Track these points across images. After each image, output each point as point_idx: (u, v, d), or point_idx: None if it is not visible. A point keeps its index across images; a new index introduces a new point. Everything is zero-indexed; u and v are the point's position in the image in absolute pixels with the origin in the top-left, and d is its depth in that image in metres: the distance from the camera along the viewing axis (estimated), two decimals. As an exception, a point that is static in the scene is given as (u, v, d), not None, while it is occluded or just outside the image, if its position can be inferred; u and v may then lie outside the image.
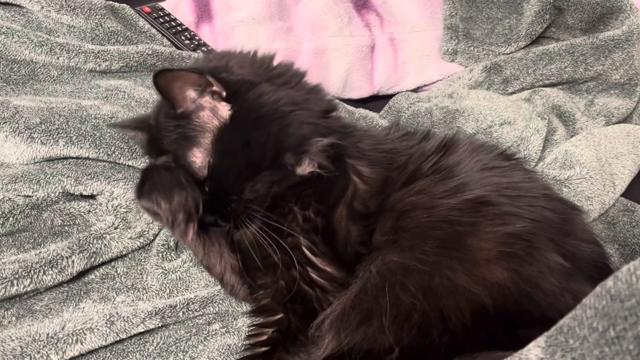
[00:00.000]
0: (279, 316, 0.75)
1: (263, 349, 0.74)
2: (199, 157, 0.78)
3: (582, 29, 1.47)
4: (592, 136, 1.18)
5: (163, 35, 1.30)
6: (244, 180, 0.77)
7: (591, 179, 1.09)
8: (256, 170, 0.77)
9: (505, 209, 0.71)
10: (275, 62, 0.88)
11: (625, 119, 1.42)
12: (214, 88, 0.78)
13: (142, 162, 0.96)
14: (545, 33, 1.53)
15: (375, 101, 1.55)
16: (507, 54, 1.51)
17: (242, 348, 0.78)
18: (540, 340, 0.50)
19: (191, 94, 0.79)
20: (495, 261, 0.66)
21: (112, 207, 0.90)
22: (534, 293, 0.65)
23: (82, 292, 0.84)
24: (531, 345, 0.50)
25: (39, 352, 0.73)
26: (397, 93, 1.51)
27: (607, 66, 1.38)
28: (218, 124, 0.78)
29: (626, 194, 1.17)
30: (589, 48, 1.37)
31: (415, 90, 1.58)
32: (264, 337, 0.75)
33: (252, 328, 0.77)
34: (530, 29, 1.48)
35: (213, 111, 0.79)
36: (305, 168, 0.79)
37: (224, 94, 0.79)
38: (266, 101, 0.79)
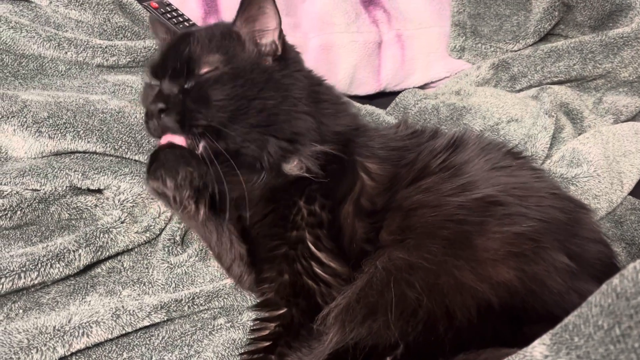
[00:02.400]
0: (282, 311, 0.76)
1: (265, 343, 0.74)
2: (214, 61, 0.79)
3: (591, 26, 1.46)
4: (600, 134, 1.17)
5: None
6: (232, 111, 0.77)
7: (599, 177, 1.09)
8: (243, 116, 0.78)
9: (513, 208, 0.71)
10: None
11: (634, 117, 1.40)
12: (277, 42, 0.83)
13: (148, 157, 0.97)
14: (554, 30, 1.53)
15: (382, 98, 1.55)
16: (515, 51, 1.50)
17: (246, 342, 0.78)
18: (545, 337, 0.49)
19: (259, 26, 0.82)
20: (502, 261, 0.66)
21: (118, 201, 0.91)
22: (540, 291, 0.65)
23: (88, 286, 0.85)
24: (536, 342, 0.50)
25: (45, 345, 0.73)
26: (404, 90, 1.50)
27: (615, 64, 1.37)
28: (253, 61, 0.82)
29: (634, 192, 1.17)
30: (598, 45, 1.36)
31: (422, 87, 1.57)
32: (267, 332, 0.75)
33: (255, 322, 0.78)
34: (539, 26, 1.47)
35: (259, 54, 0.83)
36: (292, 168, 0.81)
37: (280, 52, 0.84)
38: (301, 86, 0.85)
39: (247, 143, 0.78)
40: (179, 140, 0.78)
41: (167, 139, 0.78)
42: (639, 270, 0.43)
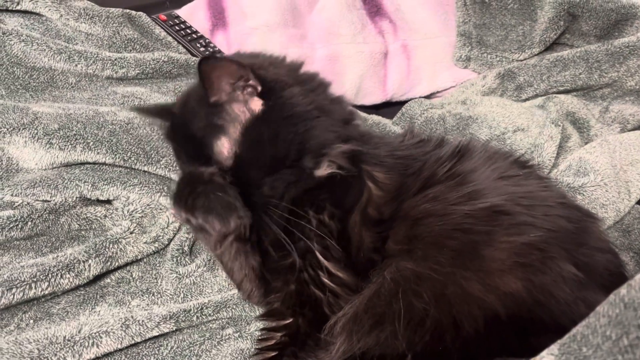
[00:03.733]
0: (288, 320, 0.76)
1: (271, 353, 0.74)
2: (226, 147, 0.78)
3: (597, 35, 1.47)
4: (607, 143, 1.17)
5: (178, 42, 1.32)
6: (265, 174, 0.77)
7: (606, 186, 1.09)
8: (278, 166, 0.78)
9: (520, 218, 0.71)
10: (303, 70, 0.90)
11: (641, 126, 1.40)
12: (251, 82, 0.79)
13: (157, 168, 0.98)
14: (560, 39, 1.53)
15: (388, 107, 1.55)
16: (521, 60, 1.50)
17: (252, 353, 0.78)
18: (554, 348, 0.49)
19: (227, 85, 0.79)
20: (510, 271, 0.66)
21: (127, 212, 0.92)
22: (547, 302, 0.65)
23: (98, 296, 0.86)
24: (544, 352, 0.50)
25: (55, 355, 0.74)
26: (410, 99, 1.51)
27: (622, 73, 1.37)
28: (249, 117, 0.79)
29: (642, 202, 1.16)
30: (604, 54, 1.37)
31: (428, 97, 1.58)
32: (273, 342, 0.75)
33: (262, 332, 0.78)
34: (544, 36, 1.48)
35: (246, 104, 0.80)
36: (324, 170, 0.80)
37: (259, 89, 0.80)
38: (298, 102, 0.81)
39: (289, 176, 0.79)
40: None
41: None
42: (647, 281, 0.43)
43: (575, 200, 1.05)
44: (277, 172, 0.78)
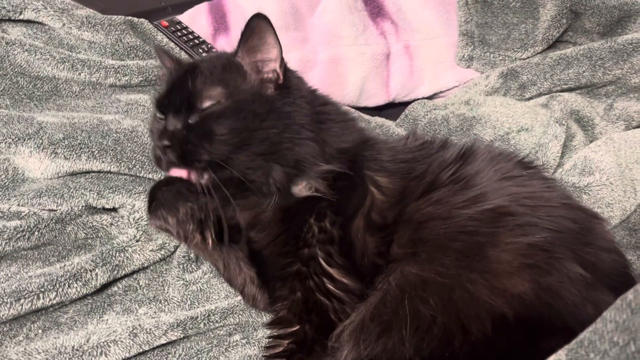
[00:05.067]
0: (295, 328, 0.76)
1: None
2: (216, 94, 0.80)
3: (600, 32, 1.46)
4: (612, 141, 1.17)
5: (181, 48, 1.32)
6: (234, 144, 0.78)
7: (611, 185, 1.08)
8: (249, 146, 0.78)
9: (525, 219, 0.71)
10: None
11: (646, 123, 1.39)
12: (279, 70, 0.82)
13: (161, 176, 0.98)
14: (562, 37, 1.52)
15: (392, 109, 1.55)
16: (524, 59, 1.50)
17: (259, 360, 0.79)
18: (561, 353, 0.49)
19: (260, 54, 0.82)
20: (516, 272, 0.66)
21: (133, 219, 0.92)
22: (554, 303, 0.65)
23: (105, 305, 0.86)
24: (552, 358, 0.50)
25: (64, 365, 0.74)
26: (414, 100, 1.51)
27: (625, 70, 1.36)
28: (255, 91, 0.82)
29: (648, 199, 1.15)
30: (607, 52, 1.36)
31: (431, 97, 1.58)
32: (280, 349, 0.75)
33: (269, 340, 0.78)
34: (547, 34, 1.47)
35: (262, 83, 0.83)
36: (301, 189, 0.81)
37: (282, 81, 0.84)
38: (302, 112, 0.84)
39: (250, 171, 0.79)
40: (183, 172, 0.79)
41: (173, 172, 0.80)
42: (654, 286, 0.43)
43: (580, 199, 1.05)
44: (241, 151, 0.78)
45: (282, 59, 0.83)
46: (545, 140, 1.19)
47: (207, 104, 0.80)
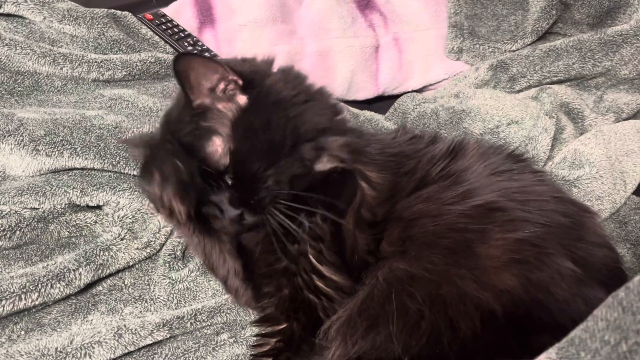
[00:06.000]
0: (282, 326, 0.75)
1: (266, 359, 0.73)
2: (219, 146, 0.75)
3: (590, 24, 1.45)
4: (602, 134, 1.16)
5: (166, 42, 1.30)
6: (267, 165, 0.74)
7: (601, 178, 1.08)
8: (278, 155, 0.75)
9: (514, 214, 0.70)
10: (275, 66, 0.88)
11: (635, 115, 1.39)
12: (230, 77, 0.77)
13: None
14: (552, 29, 1.51)
15: (381, 102, 1.54)
16: (513, 51, 1.49)
17: (247, 359, 0.77)
18: (552, 352, 0.49)
19: (207, 84, 0.77)
20: (505, 268, 0.65)
21: (118, 217, 0.90)
22: (544, 299, 0.64)
23: (90, 305, 0.85)
24: (542, 356, 0.49)
25: (47, 367, 0.73)
26: (403, 93, 1.49)
27: (615, 61, 1.35)
28: (237, 112, 0.77)
29: (637, 191, 1.15)
30: (597, 44, 1.35)
31: (420, 90, 1.56)
32: (267, 348, 0.74)
33: (256, 338, 0.77)
34: (537, 25, 1.46)
35: (231, 100, 0.78)
36: (325, 164, 0.79)
37: (241, 82, 0.78)
38: (281, 88, 0.80)
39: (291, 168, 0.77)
40: None
41: None
42: (645, 284, 0.42)
43: (570, 193, 1.05)
44: (278, 163, 0.75)
45: (225, 69, 0.77)
46: (535, 133, 1.18)
47: (224, 161, 0.76)
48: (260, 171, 0.74)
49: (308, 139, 0.77)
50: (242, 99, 0.78)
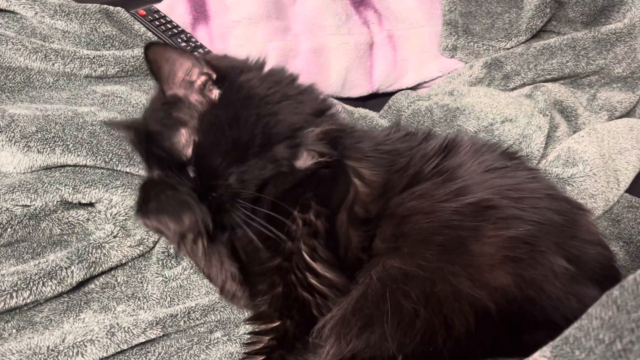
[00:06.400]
0: (275, 323, 0.74)
1: (259, 358, 0.73)
2: (184, 137, 0.76)
3: (584, 22, 1.46)
4: (595, 132, 1.17)
5: (159, 38, 1.29)
6: (231, 162, 0.74)
7: (595, 176, 1.08)
8: (244, 153, 0.75)
9: (508, 211, 0.70)
10: (267, 67, 0.88)
11: (628, 113, 1.40)
12: (205, 70, 0.78)
13: (140, 169, 0.95)
14: (546, 27, 1.52)
15: (375, 99, 1.54)
16: (508, 49, 1.49)
17: (239, 357, 0.77)
18: (546, 350, 0.49)
19: (180, 75, 0.77)
20: (499, 266, 0.65)
21: (110, 215, 0.89)
22: (538, 297, 0.64)
23: (82, 303, 0.84)
24: (537, 354, 0.49)
25: (39, 366, 0.72)
26: (397, 91, 1.49)
27: (609, 60, 1.36)
28: (207, 105, 0.77)
29: (630, 190, 1.16)
30: (591, 42, 1.36)
31: (415, 88, 1.56)
32: (260, 346, 0.74)
33: (249, 336, 0.77)
34: (531, 23, 1.47)
35: (202, 93, 0.78)
36: (305, 161, 0.78)
37: (214, 76, 0.78)
38: (256, 84, 0.80)
39: (261, 170, 0.76)
40: None
41: None
42: (639, 282, 0.42)
43: (564, 191, 1.05)
44: (245, 162, 0.75)
45: (198, 61, 0.78)
46: (529, 131, 1.18)
47: (187, 152, 0.76)
48: (222, 168, 0.74)
49: (283, 139, 0.77)
50: (214, 93, 0.78)
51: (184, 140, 0.76)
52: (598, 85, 1.40)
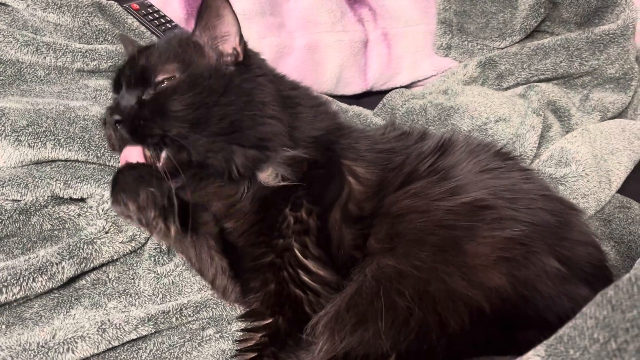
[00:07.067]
0: (268, 321, 0.74)
1: (251, 355, 0.72)
2: (172, 66, 0.78)
3: (577, 22, 1.46)
4: (588, 132, 1.18)
5: (152, 32, 1.27)
6: (186, 119, 0.74)
7: (587, 176, 1.09)
8: (206, 124, 0.76)
9: (503, 212, 0.71)
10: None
11: (621, 114, 1.41)
12: (239, 47, 0.81)
13: (110, 181, 0.94)
14: (540, 27, 1.52)
15: (369, 97, 1.54)
16: (502, 48, 1.50)
17: (231, 354, 0.77)
18: (540, 349, 0.49)
19: (219, 32, 0.81)
20: (493, 266, 0.66)
21: (102, 210, 0.88)
22: (531, 297, 0.65)
23: (73, 299, 0.83)
24: (530, 353, 0.49)
25: (29, 362, 0.71)
26: (391, 89, 1.49)
27: (602, 61, 1.37)
28: (212, 70, 0.79)
29: (622, 190, 1.17)
30: (584, 42, 1.36)
31: (409, 86, 1.56)
32: (252, 343, 0.73)
33: (241, 333, 0.76)
34: (525, 23, 1.47)
35: (218, 60, 0.81)
36: (267, 177, 0.79)
37: (241, 57, 0.82)
38: (262, 83, 0.83)
39: (211, 153, 0.76)
40: (137, 155, 0.75)
41: (126, 153, 0.76)
42: (634, 282, 0.42)
43: (557, 191, 1.05)
44: (200, 132, 0.75)
45: (241, 36, 0.81)
46: (523, 130, 1.19)
47: (161, 77, 0.77)
48: (177, 114, 0.75)
49: (247, 144, 0.78)
50: (228, 65, 0.81)
51: (167, 68, 0.78)
52: (591, 85, 1.41)
